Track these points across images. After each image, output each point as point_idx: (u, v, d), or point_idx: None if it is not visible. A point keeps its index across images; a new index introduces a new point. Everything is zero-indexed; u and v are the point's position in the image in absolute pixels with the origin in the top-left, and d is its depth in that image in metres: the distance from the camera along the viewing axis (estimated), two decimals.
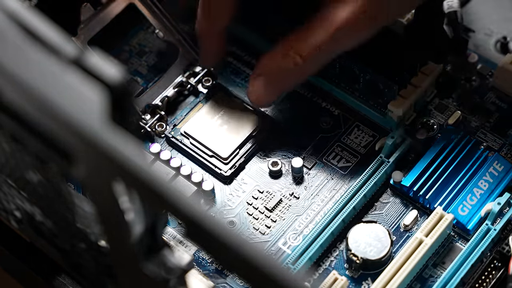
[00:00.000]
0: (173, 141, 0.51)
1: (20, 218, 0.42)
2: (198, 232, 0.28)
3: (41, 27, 0.29)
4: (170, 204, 0.28)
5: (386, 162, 0.49)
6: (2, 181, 0.39)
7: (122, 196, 0.31)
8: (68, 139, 0.29)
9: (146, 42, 0.56)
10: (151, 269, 0.34)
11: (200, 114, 0.52)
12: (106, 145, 0.28)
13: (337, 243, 0.48)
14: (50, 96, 0.28)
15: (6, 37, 0.29)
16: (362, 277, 0.47)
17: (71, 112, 0.28)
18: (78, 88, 0.28)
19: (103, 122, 0.28)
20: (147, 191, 0.28)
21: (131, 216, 0.32)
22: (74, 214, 0.37)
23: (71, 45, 0.29)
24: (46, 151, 0.31)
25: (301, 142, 0.51)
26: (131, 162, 0.28)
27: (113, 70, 0.28)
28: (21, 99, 0.29)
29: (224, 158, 0.50)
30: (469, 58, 0.53)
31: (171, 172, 0.49)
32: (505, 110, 0.52)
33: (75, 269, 0.44)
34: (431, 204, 0.48)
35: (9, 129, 0.32)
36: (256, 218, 0.49)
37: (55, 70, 0.29)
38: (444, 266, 0.47)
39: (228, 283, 0.47)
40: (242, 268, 0.29)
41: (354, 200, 0.48)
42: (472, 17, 0.56)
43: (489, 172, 0.49)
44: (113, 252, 0.36)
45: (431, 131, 0.51)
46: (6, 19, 0.29)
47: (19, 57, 0.29)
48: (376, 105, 0.51)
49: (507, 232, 0.47)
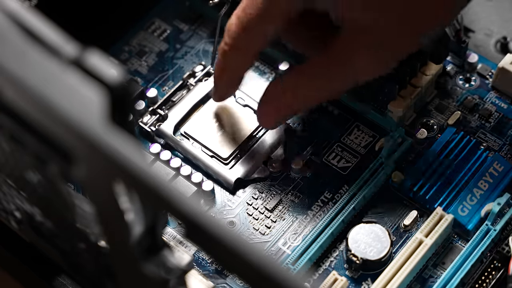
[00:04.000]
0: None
1: (20, 219, 0.42)
2: (198, 233, 0.28)
3: (41, 27, 0.29)
4: (170, 204, 0.28)
5: (386, 163, 0.49)
6: (2, 181, 0.39)
7: (122, 196, 0.31)
8: (68, 140, 0.29)
9: (146, 42, 0.56)
10: (151, 269, 0.34)
11: (200, 114, 0.52)
12: (106, 146, 0.28)
13: (337, 244, 0.48)
14: (50, 97, 0.28)
15: (6, 38, 0.29)
16: (362, 278, 0.47)
17: (71, 113, 0.28)
18: (78, 88, 0.28)
19: (103, 123, 0.28)
20: (147, 192, 0.28)
21: (131, 216, 0.32)
22: (74, 214, 0.37)
23: (71, 46, 0.29)
24: (46, 151, 0.31)
25: (301, 142, 0.51)
26: (131, 163, 0.28)
27: (113, 71, 0.28)
28: (21, 99, 0.29)
29: (224, 159, 0.50)
30: (469, 58, 0.53)
31: (171, 173, 0.49)
32: (505, 110, 0.52)
33: (75, 269, 0.44)
34: (431, 204, 0.48)
35: (9, 129, 0.32)
36: (256, 218, 0.49)
37: (55, 70, 0.29)
38: (444, 267, 0.47)
39: (228, 284, 0.47)
40: (242, 268, 0.29)
41: (354, 201, 0.48)
42: (472, 17, 0.56)
43: (489, 172, 0.49)
44: (113, 252, 0.36)
45: (431, 131, 0.51)
46: (6, 20, 0.29)
47: (19, 58, 0.29)
48: (376, 105, 0.51)
49: (507, 232, 0.47)
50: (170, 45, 0.56)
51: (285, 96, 0.47)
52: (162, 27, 0.57)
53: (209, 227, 0.28)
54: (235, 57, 0.47)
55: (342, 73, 0.46)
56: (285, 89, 0.47)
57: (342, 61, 0.45)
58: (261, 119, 0.49)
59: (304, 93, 0.47)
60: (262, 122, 0.50)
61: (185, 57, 0.55)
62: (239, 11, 0.46)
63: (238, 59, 0.47)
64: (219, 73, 0.49)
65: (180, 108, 0.52)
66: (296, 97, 0.47)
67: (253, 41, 0.46)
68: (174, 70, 0.55)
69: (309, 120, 0.52)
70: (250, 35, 0.46)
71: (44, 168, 0.33)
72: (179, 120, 0.52)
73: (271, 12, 0.45)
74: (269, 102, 0.48)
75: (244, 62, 0.48)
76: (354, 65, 0.45)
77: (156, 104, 0.52)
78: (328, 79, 0.46)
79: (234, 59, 0.47)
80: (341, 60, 0.45)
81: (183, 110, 0.52)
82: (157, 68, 0.55)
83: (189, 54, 0.55)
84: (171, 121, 0.52)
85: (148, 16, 0.57)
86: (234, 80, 0.49)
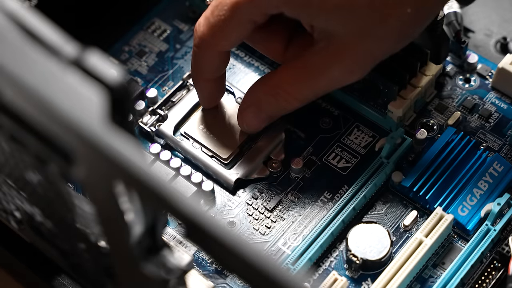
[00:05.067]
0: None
1: (20, 219, 0.42)
2: (198, 233, 0.28)
3: (41, 27, 0.29)
4: (170, 204, 0.28)
5: (386, 163, 0.49)
6: (2, 181, 0.39)
7: (122, 197, 0.31)
8: (68, 140, 0.29)
9: (146, 42, 0.56)
10: (151, 269, 0.34)
11: (200, 115, 0.52)
12: (106, 146, 0.28)
13: (337, 244, 0.48)
14: (50, 97, 0.28)
15: (6, 38, 0.29)
16: (362, 278, 0.47)
17: (71, 113, 0.28)
18: (78, 88, 0.28)
19: (103, 123, 0.28)
20: (147, 192, 0.28)
21: (131, 217, 0.32)
22: (74, 214, 0.37)
23: (71, 46, 0.29)
24: (46, 151, 0.31)
25: (301, 142, 0.51)
26: (131, 163, 0.28)
27: (113, 71, 0.28)
28: (21, 100, 0.29)
29: (224, 159, 0.50)
30: (469, 58, 0.53)
31: (171, 173, 0.49)
32: (505, 110, 0.52)
33: (75, 269, 0.44)
34: (431, 204, 0.48)
35: (9, 129, 0.32)
36: (256, 218, 0.49)
37: (55, 70, 0.29)
38: (444, 267, 0.47)
39: (228, 284, 0.47)
40: (242, 268, 0.29)
41: (354, 201, 0.48)
42: (472, 18, 0.56)
43: (489, 172, 0.49)
44: (113, 252, 0.36)
45: (431, 131, 0.51)
46: (6, 20, 0.29)
47: (19, 58, 0.29)
48: (376, 105, 0.51)
49: (507, 232, 0.47)
50: (170, 45, 0.56)
51: (277, 99, 0.48)
52: (162, 27, 0.57)
53: (209, 227, 0.28)
54: (205, 56, 0.48)
55: (319, 79, 0.46)
56: (276, 88, 0.47)
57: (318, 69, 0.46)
58: (243, 124, 0.50)
59: (284, 97, 0.47)
60: (247, 127, 0.50)
61: (185, 57, 0.55)
62: (208, 12, 0.46)
63: (208, 58, 0.48)
64: (193, 75, 0.50)
65: (180, 108, 0.52)
66: (292, 94, 0.47)
67: (223, 40, 0.47)
68: (174, 70, 0.55)
69: (309, 120, 0.52)
70: (218, 34, 0.46)
71: (44, 168, 0.33)
72: (179, 120, 0.52)
73: (238, 17, 0.45)
74: (253, 105, 0.49)
75: (214, 60, 0.48)
76: (330, 73, 0.46)
77: (156, 104, 0.52)
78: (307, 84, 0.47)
79: (204, 58, 0.48)
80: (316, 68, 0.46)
81: (183, 110, 0.52)
82: (157, 68, 0.55)
83: (189, 54, 0.55)
84: (171, 121, 0.52)
85: (148, 16, 0.57)
86: (212, 82, 0.50)
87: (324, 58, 0.45)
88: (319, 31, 0.45)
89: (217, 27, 0.46)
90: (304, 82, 0.47)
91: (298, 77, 0.47)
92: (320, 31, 0.45)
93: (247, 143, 0.51)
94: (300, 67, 0.46)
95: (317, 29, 0.45)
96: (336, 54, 0.45)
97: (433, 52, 0.51)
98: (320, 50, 0.45)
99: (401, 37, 0.45)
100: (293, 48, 0.48)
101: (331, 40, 0.45)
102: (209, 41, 0.47)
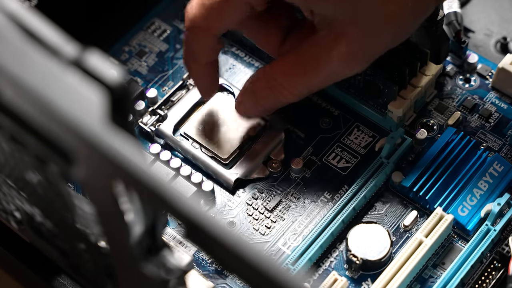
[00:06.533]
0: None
1: (20, 219, 0.42)
2: (197, 233, 0.28)
3: (41, 28, 0.29)
4: (170, 204, 0.28)
5: (386, 163, 0.49)
6: (2, 182, 0.39)
7: (122, 197, 0.31)
8: (68, 140, 0.29)
9: (146, 42, 0.56)
10: (151, 269, 0.34)
11: (200, 115, 0.52)
12: (106, 146, 0.28)
13: (337, 244, 0.48)
14: (50, 97, 0.28)
15: (6, 38, 0.29)
16: (362, 278, 0.47)
17: (71, 113, 0.28)
18: (78, 89, 0.28)
19: (103, 123, 0.28)
20: (146, 192, 0.28)
21: (131, 217, 0.32)
22: (74, 214, 0.37)
23: (71, 46, 0.29)
24: (46, 151, 0.31)
25: (301, 142, 0.51)
26: (131, 163, 0.28)
27: (113, 71, 0.28)
28: (21, 100, 0.29)
29: (224, 159, 0.50)
30: (469, 58, 0.53)
31: (171, 173, 0.49)
32: (505, 110, 0.52)
33: (75, 270, 0.44)
34: (431, 204, 0.48)
35: (9, 129, 0.32)
36: (256, 218, 0.49)
37: (55, 71, 0.29)
38: (444, 267, 0.47)
39: (228, 284, 0.47)
40: (242, 268, 0.29)
41: (354, 201, 0.48)
42: (472, 18, 0.56)
43: (489, 172, 0.49)
44: (113, 252, 0.36)
45: (431, 131, 0.51)
46: (6, 20, 0.29)
47: (19, 58, 0.29)
48: (376, 105, 0.51)
49: (507, 232, 0.47)
50: (170, 45, 0.56)
51: (273, 91, 0.47)
52: (162, 27, 0.57)
53: (209, 227, 0.28)
54: (197, 39, 0.47)
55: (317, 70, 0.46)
56: (272, 81, 0.47)
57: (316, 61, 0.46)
58: (241, 109, 0.50)
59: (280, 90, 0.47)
60: (243, 112, 0.50)
61: None
62: None
63: (200, 41, 0.47)
64: (185, 60, 0.49)
65: (179, 108, 0.52)
66: (288, 88, 0.47)
67: (217, 22, 0.46)
68: (174, 70, 0.55)
69: (309, 120, 0.52)
70: (213, 16, 0.46)
71: (44, 168, 0.33)
72: (179, 120, 0.52)
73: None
74: (254, 91, 0.48)
75: (207, 44, 0.48)
76: (329, 64, 0.45)
77: (156, 104, 0.52)
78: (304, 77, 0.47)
79: (196, 41, 0.47)
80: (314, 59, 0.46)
81: (183, 110, 0.52)
82: (157, 68, 0.55)
83: None
84: (171, 121, 0.52)
85: (148, 16, 0.57)
86: (205, 67, 0.49)
87: (324, 47, 0.45)
88: (319, 18, 0.45)
89: (212, 9, 0.45)
90: (300, 74, 0.46)
91: (294, 69, 0.46)
92: (321, 18, 0.45)
93: (247, 143, 0.51)
94: (298, 59, 0.46)
95: (317, 16, 0.45)
96: (336, 42, 0.45)
97: (433, 52, 0.51)
98: (320, 39, 0.45)
99: (399, 27, 0.45)
100: (290, 43, 0.48)
101: (332, 28, 0.44)
102: (202, 23, 0.46)
